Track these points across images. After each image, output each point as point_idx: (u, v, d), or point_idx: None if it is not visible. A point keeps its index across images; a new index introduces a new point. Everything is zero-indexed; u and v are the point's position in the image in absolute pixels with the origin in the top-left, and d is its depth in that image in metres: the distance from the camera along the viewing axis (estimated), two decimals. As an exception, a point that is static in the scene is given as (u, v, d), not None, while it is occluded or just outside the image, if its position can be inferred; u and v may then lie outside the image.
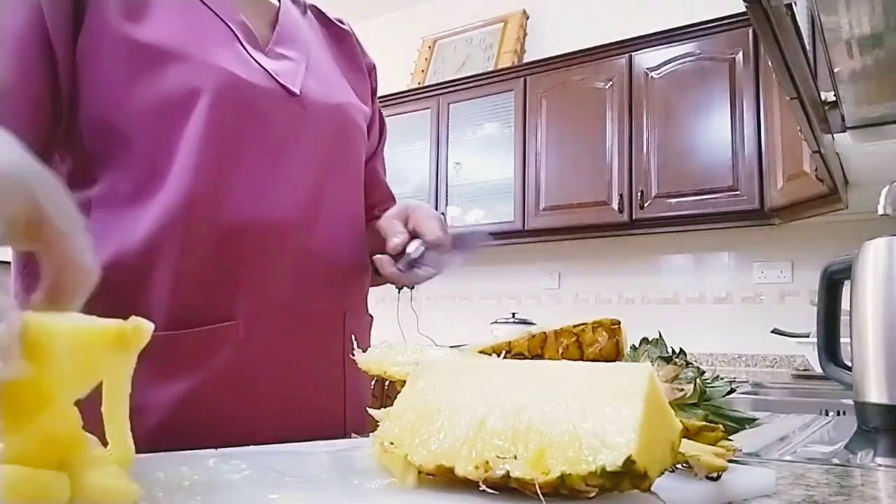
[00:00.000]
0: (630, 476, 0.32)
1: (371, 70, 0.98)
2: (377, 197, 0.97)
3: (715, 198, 2.83)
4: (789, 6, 1.03)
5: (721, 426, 0.55)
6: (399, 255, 0.80)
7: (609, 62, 3.16)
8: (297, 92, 0.77)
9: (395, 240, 0.79)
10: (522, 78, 3.40)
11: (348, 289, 0.83)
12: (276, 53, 0.79)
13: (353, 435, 0.74)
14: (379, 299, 4.42)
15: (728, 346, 3.12)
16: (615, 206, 3.04)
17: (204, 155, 0.69)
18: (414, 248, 0.79)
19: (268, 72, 0.76)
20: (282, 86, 0.76)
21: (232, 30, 0.75)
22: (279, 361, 0.72)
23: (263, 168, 0.73)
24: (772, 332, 2.48)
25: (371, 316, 0.91)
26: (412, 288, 0.85)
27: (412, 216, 0.82)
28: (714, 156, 2.85)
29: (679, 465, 0.46)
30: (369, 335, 0.91)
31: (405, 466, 0.40)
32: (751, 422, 0.63)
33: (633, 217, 2.99)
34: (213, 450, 0.54)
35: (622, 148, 3.05)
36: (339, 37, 0.94)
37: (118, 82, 0.68)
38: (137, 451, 0.38)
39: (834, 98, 1.52)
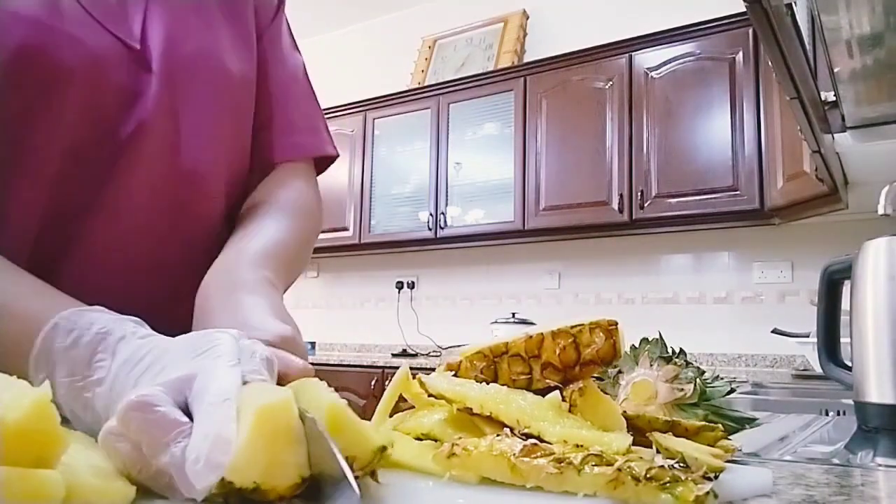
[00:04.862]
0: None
1: None
2: (266, 112, 0.77)
3: (715, 198, 2.83)
4: (789, 6, 1.03)
5: (721, 426, 0.55)
6: None
7: (609, 62, 3.16)
8: (137, 46, 0.64)
9: None
10: (522, 78, 3.40)
11: (209, 228, 0.72)
12: None
13: None
14: (379, 299, 4.41)
15: (728, 346, 3.11)
16: (615, 206, 3.04)
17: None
18: None
19: (98, 21, 0.62)
20: (117, 38, 0.63)
21: None
22: None
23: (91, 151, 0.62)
24: (772, 332, 2.48)
25: None
26: None
27: None
28: (714, 156, 2.85)
29: (676, 465, 0.46)
30: None
31: None
32: (751, 422, 0.63)
33: (633, 217, 2.99)
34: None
35: (622, 148, 3.05)
36: None
37: None
38: None
39: (834, 98, 1.52)
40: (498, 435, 0.44)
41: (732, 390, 0.64)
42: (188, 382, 0.39)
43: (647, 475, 0.38)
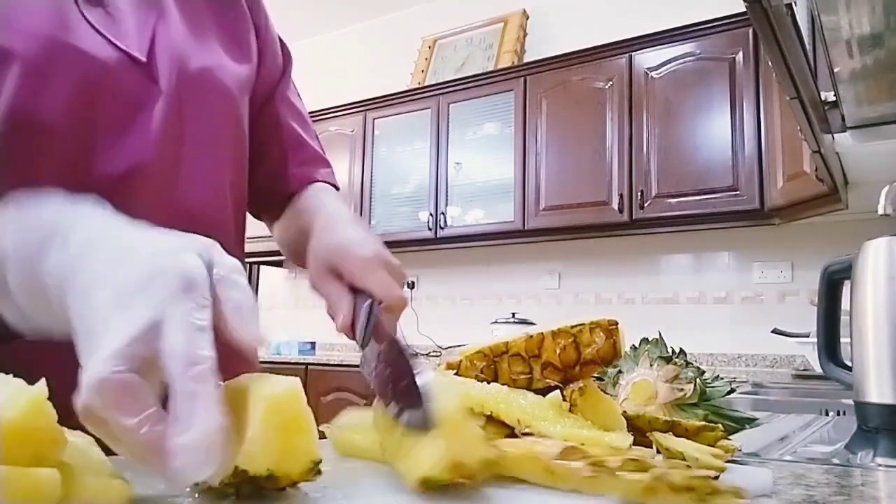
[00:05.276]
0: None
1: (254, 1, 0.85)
2: (283, 148, 0.85)
3: (715, 198, 2.83)
4: (789, 6, 1.03)
5: (721, 426, 0.55)
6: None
7: (609, 62, 3.16)
8: (143, 59, 0.67)
9: (340, 319, 0.61)
10: (522, 78, 3.40)
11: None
12: (119, 8, 0.68)
13: None
14: (379, 299, 4.32)
15: (728, 346, 3.11)
16: (615, 206, 3.03)
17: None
18: (361, 324, 0.59)
19: (105, 37, 0.65)
20: (124, 52, 0.66)
21: None
22: None
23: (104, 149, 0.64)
24: (772, 332, 2.48)
25: None
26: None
27: (345, 271, 0.64)
28: (714, 156, 2.85)
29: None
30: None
31: None
32: (751, 422, 0.63)
33: (633, 217, 2.99)
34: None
35: (622, 148, 3.05)
36: None
37: None
38: None
39: (834, 98, 1.52)
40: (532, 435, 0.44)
41: (732, 390, 0.64)
42: (154, 332, 0.36)
43: (686, 485, 0.38)
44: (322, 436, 0.52)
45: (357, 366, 0.56)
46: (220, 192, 0.75)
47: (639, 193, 2.98)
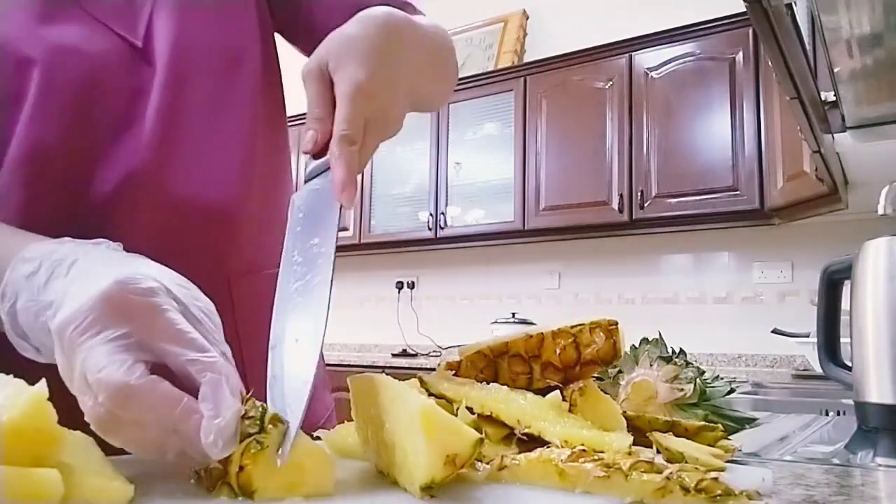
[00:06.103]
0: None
1: None
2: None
3: (715, 198, 2.83)
4: (789, 6, 1.03)
5: (721, 426, 0.55)
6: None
7: (609, 62, 3.16)
8: (139, 43, 0.64)
9: (307, 144, 0.52)
10: (522, 78, 3.40)
11: (229, 245, 0.67)
12: None
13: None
14: (379, 299, 4.40)
15: (728, 346, 3.11)
16: (615, 206, 3.03)
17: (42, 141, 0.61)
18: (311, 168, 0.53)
19: (106, 26, 0.63)
20: (120, 36, 0.63)
21: None
22: None
23: (106, 138, 0.63)
24: (772, 332, 2.48)
25: None
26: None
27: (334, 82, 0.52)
28: (714, 156, 2.85)
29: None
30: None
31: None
32: (751, 422, 0.63)
33: (633, 217, 2.99)
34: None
35: (622, 148, 3.05)
36: None
37: None
38: None
39: (834, 98, 1.52)
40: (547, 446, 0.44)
41: (732, 390, 0.64)
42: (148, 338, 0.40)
43: (698, 486, 0.38)
44: (317, 438, 0.52)
45: (357, 365, 0.56)
46: (234, 177, 0.68)
47: (639, 193, 2.98)
